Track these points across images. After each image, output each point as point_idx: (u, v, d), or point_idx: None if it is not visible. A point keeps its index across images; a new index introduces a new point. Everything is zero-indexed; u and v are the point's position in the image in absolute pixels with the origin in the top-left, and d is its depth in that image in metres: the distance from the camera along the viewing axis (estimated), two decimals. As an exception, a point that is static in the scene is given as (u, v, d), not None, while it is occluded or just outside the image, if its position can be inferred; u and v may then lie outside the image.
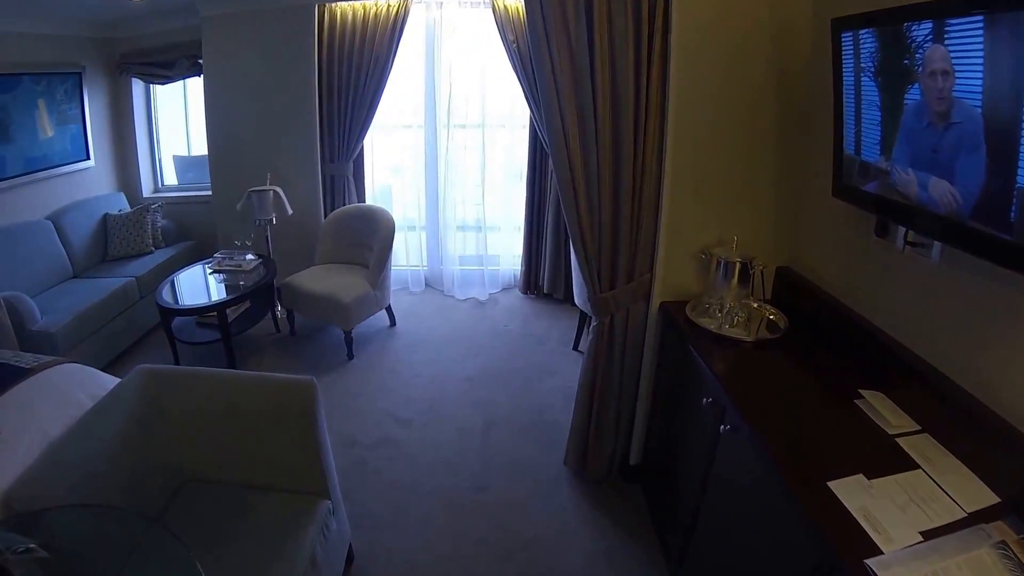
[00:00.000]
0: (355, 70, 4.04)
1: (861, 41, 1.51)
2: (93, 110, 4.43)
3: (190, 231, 4.86)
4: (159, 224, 4.58)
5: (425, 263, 4.86)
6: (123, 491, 1.69)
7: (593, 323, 2.44)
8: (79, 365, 2.27)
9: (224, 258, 3.93)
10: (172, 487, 1.88)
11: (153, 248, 4.46)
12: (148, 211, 4.47)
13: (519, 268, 4.67)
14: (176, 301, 3.52)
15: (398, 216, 4.82)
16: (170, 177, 5.27)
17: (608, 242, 2.29)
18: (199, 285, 3.80)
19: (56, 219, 4.06)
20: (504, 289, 4.78)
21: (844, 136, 1.66)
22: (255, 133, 4.21)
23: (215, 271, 3.84)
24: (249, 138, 4.22)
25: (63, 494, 1.53)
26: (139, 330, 3.98)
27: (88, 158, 4.43)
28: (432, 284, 4.87)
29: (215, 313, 3.44)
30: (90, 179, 4.49)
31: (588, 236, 2.27)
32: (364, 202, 4.52)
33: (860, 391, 1.57)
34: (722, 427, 1.65)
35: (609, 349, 2.43)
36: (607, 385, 2.47)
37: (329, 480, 1.92)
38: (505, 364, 3.69)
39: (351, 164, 4.33)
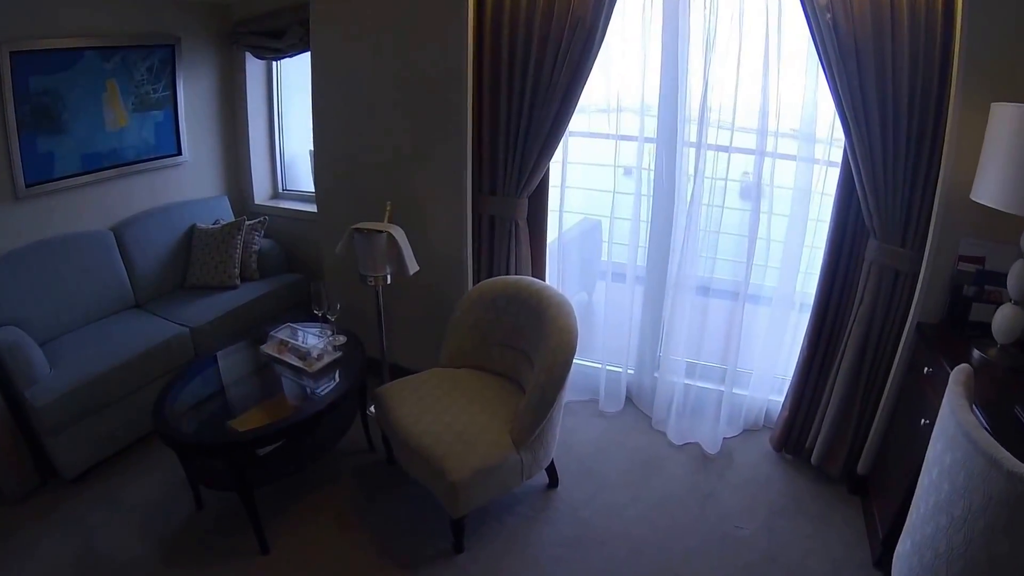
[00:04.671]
0: (536, 50, 2.33)
1: None
2: (189, 92, 3.27)
3: (300, 259, 3.57)
4: (254, 247, 3.32)
5: (631, 363, 2.97)
6: None
7: None
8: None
9: (290, 337, 2.48)
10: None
11: (239, 281, 3.21)
12: (240, 229, 3.22)
13: (780, 401, 2.63)
14: (186, 418, 2.07)
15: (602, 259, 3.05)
16: (303, 179, 4.05)
17: None
18: (236, 385, 2.37)
19: (120, 231, 2.97)
20: (746, 431, 2.76)
21: None
22: (374, 139, 2.71)
23: (271, 358, 2.41)
24: (365, 146, 2.74)
25: None
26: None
27: (179, 152, 3.29)
28: (636, 402, 2.98)
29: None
30: (181, 179, 3.35)
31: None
32: (542, 265, 2.75)
33: None
34: None
35: None
36: None
37: None
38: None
39: (525, 201, 2.60)
